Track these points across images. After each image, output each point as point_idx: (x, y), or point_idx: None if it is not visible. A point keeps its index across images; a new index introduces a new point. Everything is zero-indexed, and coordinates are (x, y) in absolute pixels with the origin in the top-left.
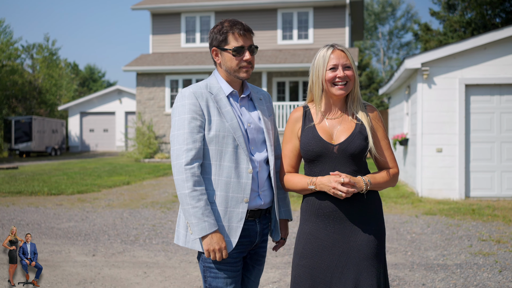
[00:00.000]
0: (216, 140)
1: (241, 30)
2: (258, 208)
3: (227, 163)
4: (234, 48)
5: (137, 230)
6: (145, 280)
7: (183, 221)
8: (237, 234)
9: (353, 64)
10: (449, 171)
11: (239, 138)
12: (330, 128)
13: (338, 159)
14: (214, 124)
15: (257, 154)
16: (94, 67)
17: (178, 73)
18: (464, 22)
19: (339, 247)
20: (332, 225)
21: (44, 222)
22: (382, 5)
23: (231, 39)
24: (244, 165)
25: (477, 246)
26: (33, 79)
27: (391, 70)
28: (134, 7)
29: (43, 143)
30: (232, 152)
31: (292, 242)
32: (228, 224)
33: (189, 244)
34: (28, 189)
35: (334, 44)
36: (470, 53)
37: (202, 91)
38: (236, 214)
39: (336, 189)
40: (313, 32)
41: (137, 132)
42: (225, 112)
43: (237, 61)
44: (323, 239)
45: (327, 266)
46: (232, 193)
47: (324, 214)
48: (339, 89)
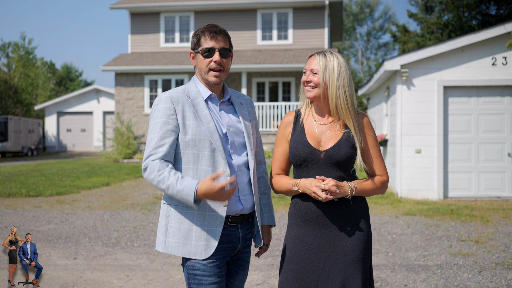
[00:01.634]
0: (192, 144)
1: (211, 32)
2: (239, 213)
3: (204, 166)
4: (203, 49)
5: (118, 232)
6: (128, 284)
7: (163, 227)
8: (217, 238)
9: (323, 71)
10: (428, 172)
11: (216, 142)
12: (319, 134)
13: (324, 165)
14: (190, 128)
15: (236, 158)
16: (71, 66)
17: (157, 73)
18: (442, 24)
19: (325, 251)
20: (318, 230)
21: (23, 224)
22: (360, 6)
23: (203, 41)
24: (222, 168)
25: (456, 246)
26: (8, 78)
27: (369, 71)
28: (113, 6)
29: (19, 143)
30: (209, 156)
31: (275, 244)
32: (207, 228)
33: (168, 250)
34: (5, 190)
35: (320, 51)
36: (448, 56)
37: (179, 95)
38: (215, 218)
39: (316, 194)
40: (293, 32)
41: (116, 132)
42: (202, 116)
43: (207, 63)
44: (309, 243)
45: (314, 270)
46: None
47: (310, 218)
48: (307, 91)
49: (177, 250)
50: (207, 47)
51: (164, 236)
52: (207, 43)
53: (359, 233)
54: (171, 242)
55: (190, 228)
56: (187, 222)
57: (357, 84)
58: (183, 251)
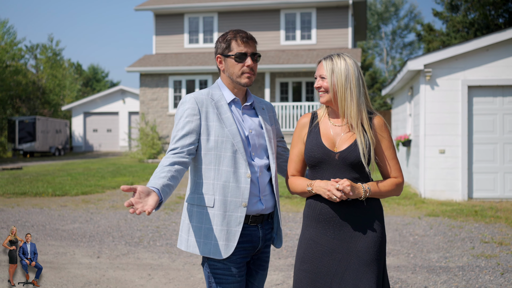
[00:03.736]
0: (215, 146)
1: (243, 37)
2: (259, 213)
3: (225, 167)
4: (236, 54)
5: (141, 231)
6: (149, 282)
7: (186, 225)
8: (236, 238)
9: (331, 75)
10: (452, 172)
11: (238, 144)
12: (334, 136)
13: (338, 166)
14: (213, 130)
15: (257, 159)
16: (97, 67)
17: (181, 74)
18: (467, 22)
19: (339, 252)
20: (332, 231)
21: (49, 223)
22: (385, 5)
23: (234, 45)
24: (243, 169)
25: (479, 248)
26: (36, 79)
27: (394, 70)
28: (138, 8)
29: (46, 143)
30: (231, 157)
31: (296, 245)
32: (227, 228)
33: (190, 249)
34: (32, 190)
35: (329, 55)
36: (472, 55)
37: (204, 97)
38: (234, 218)
39: (330, 192)
40: (316, 32)
41: (140, 133)
42: (225, 118)
43: (239, 67)
44: (323, 244)
45: (327, 271)
46: (231, 197)
47: (324, 219)
48: (320, 97)
49: (197, 248)
50: (241, 52)
51: (187, 235)
52: (240, 48)
53: (372, 234)
54: (192, 240)
55: (210, 228)
56: (207, 221)
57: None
58: (203, 250)
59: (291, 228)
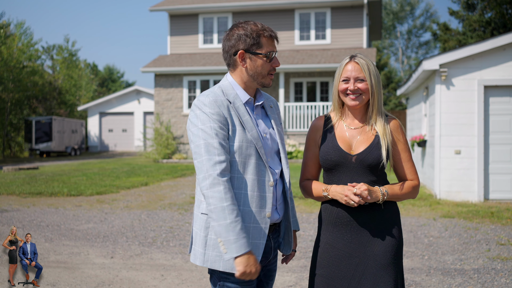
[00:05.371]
0: (239, 152)
1: (272, 35)
2: (274, 222)
3: (250, 175)
4: (267, 54)
5: (155, 232)
6: (162, 283)
7: (201, 239)
8: (260, 251)
9: (369, 77)
10: (468, 173)
11: (261, 149)
12: (350, 138)
13: (355, 169)
14: (238, 135)
15: (273, 165)
16: (113, 67)
17: (195, 74)
18: (484, 21)
19: (356, 256)
20: (349, 235)
21: (64, 223)
22: (401, 4)
23: (265, 42)
24: (266, 177)
25: (495, 250)
26: (53, 80)
27: (409, 70)
28: (152, 9)
29: (63, 143)
30: (255, 164)
31: (309, 246)
32: (251, 241)
33: (208, 264)
34: (48, 190)
35: (353, 55)
36: (489, 54)
37: (222, 99)
38: (259, 230)
39: (348, 197)
40: (331, 32)
41: (155, 133)
42: (245, 122)
43: (268, 67)
44: (340, 248)
45: (344, 275)
46: (255, 208)
47: (341, 223)
48: (351, 100)
49: (218, 264)
50: (273, 51)
51: (203, 249)
52: (271, 47)
53: (390, 238)
54: (212, 255)
55: None
56: None
57: (397, 84)
58: (225, 265)
59: (305, 229)
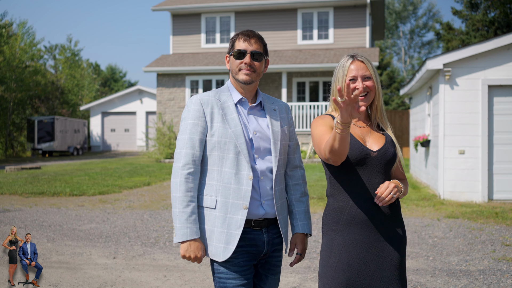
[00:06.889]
0: (218, 146)
1: (244, 35)
2: (262, 217)
3: (228, 169)
4: (235, 51)
5: (157, 232)
6: (165, 284)
7: None
8: (235, 241)
9: (374, 74)
10: (472, 173)
11: (241, 145)
12: (363, 136)
13: (374, 166)
14: (217, 131)
15: (260, 162)
16: (115, 67)
17: (198, 74)
18: (487, 21)
19: (374, 258)
20: (367, 235)
21: (66, 223)
22: (404, 4)
23: (236, 44)
24: (245, 171)
25: (500, 251)
26: (55, 80)
27: (412, 69)
28: (155, 8)
29: (65, 143)
30: (233, 159)
31: (312, 247)
32: (227, 231)
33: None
34: (50, 189)
35: (354, 55)
36: (493, 54)
37: (210, 98)
38: (235, 221)
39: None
40: (333, 32)
41: (157, 133)
42: (230, 119)
43: (237, 63)
44: (359, 250)
45: (365, 276)
46: (232, 199)
47: (358, 223)
48: (361, 100)
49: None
50: (239, 49)
51: None
52: (240, 46)
53: (401, 236)
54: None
55: (212, 229)
56: (209, 223)
57: (399, 83)
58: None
59: None
